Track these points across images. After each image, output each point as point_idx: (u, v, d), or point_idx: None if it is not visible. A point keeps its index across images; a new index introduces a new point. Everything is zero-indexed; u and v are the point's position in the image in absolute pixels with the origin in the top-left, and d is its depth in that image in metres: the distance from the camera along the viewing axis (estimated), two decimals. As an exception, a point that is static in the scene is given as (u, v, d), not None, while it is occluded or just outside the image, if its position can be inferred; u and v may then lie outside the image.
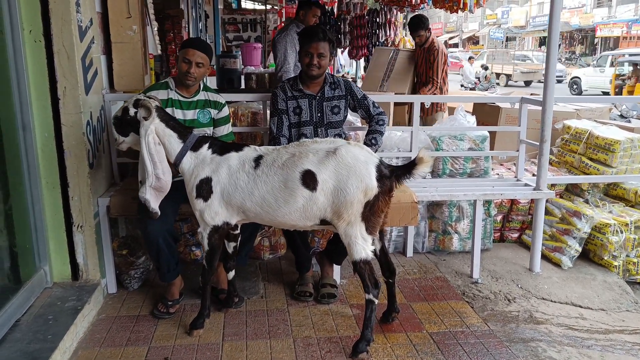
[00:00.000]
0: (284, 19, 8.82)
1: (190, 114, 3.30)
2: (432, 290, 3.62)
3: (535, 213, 3.88)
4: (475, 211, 3.71)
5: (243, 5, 18.11)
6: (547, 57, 3.71)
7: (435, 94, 5.36)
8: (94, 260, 3.35)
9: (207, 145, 2.89)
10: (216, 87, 7.64)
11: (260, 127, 3.92)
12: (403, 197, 3.33)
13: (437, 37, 7.42)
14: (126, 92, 3.73)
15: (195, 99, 3.32)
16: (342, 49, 8.43)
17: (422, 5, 6.13)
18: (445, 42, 46.06)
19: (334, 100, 3.53)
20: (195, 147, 2.88)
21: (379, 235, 2.93)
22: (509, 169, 4.68)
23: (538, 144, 3.81)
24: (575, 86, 21.23)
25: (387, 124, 3.66)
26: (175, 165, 2.90)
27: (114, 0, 3.66)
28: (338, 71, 14.79)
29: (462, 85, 19.53)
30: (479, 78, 19.83)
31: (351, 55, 7.68)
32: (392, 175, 2.73)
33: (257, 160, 2.81)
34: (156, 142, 2.82)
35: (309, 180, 2.67)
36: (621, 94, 14.83)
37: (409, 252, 4.18)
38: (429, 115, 5.43)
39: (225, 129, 3.42)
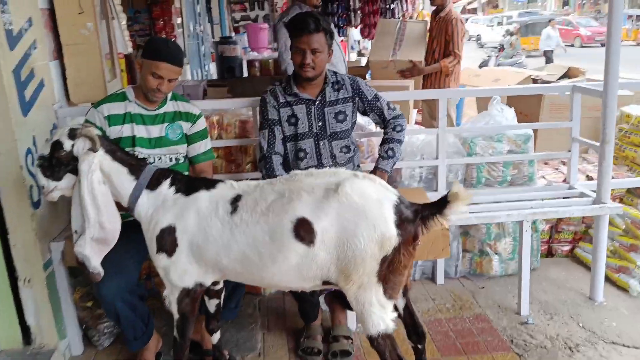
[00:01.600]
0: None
1: (155, 131, 2.60)
2: (471, 336, 2.91)
3: (597, 232, 3.11)
4: (521, 234, 2.96)
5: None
6: (608, 25, 2.79)
7: (455, 68, 4.66)
8: (48, 320, 2.71)
9: (168, 181, 2.20)
10: (216, 77, 6.96)
11: (251, 140, 3.20)
12: (430, 222, 2.59)
13: (455, 2, 6.57)
14: (87, 104, 3.03)
15: (161, 111, 2.61)
16: (353, 26, 7.57)
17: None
18: (464, 8, 44.39)
19: (339, 105, 2.79)
20: (153, 185, 2.19)
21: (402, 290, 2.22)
22: (557, 168, 3.89)
23: (597, 144, 3.02)
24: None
25: (406, 128, 2.92)
26: (129, 210, 2.21)
27: (59, -9, 2.95)
28: (352, 47, 13.91)
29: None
30: (502, 45, 18.62)
31: (363, 34, 6.86)
32: (416, 218, 2.00)
33: (235, 201, 2.11)
34: (100, 180, 2.14)
35: (304, 231, 1.96)
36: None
37: (440, 278, 3.46)
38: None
39: (203, 146, 2.72)
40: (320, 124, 2.78)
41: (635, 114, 3.79)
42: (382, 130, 2.93)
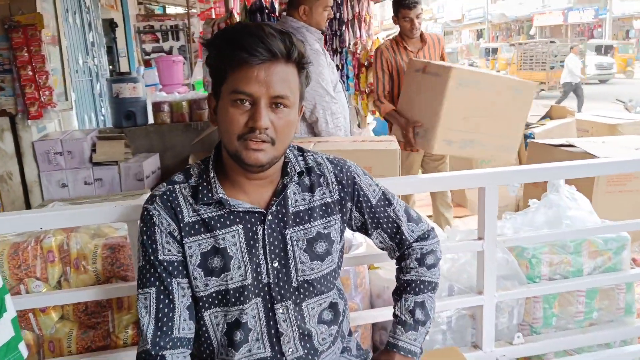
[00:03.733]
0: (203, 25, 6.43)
1: None
2: None
3: None
4: None
5: (168, 10, 15.53)
6: None
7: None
8: None
9: None
10: (111, 126, 5.31)
11: (131, 286, 1.58)
12: None
13: (375, 34, 5.29)
14: None
15: None
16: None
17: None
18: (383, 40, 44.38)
19: (314, 220, 1.31)
20: None
21: None
22: None
23: None
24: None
25: (441, 256, 1.48)
26: None
27: None
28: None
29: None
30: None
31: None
32: None
33: None
34: None
35: None
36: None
37: None
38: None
39: None
40: (277, 264, 1.27)
41: None
42: (396, 261, 1.48)
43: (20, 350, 1.23)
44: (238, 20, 4.70)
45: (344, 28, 4.69)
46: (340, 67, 4.74)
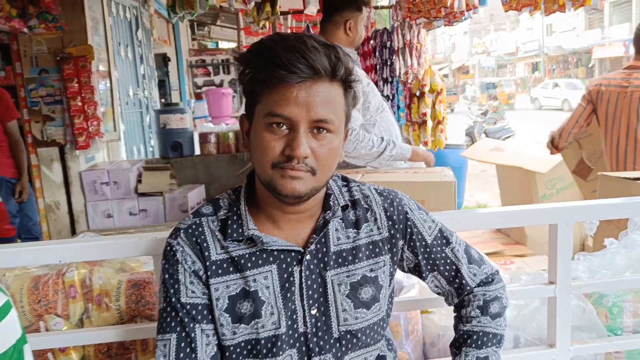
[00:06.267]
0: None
1: None
2: None
3: None
4: None
5: (220, 45, 15.92)
6: None
7: None
8: None
9: None
10: (158, 156, 5.31)
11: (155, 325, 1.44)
12: None
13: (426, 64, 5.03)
14: None
15: None
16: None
17: (467, 13, 3.81)
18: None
19: (360, 262, 1.13)
20: None
21: None
22: None
23: None
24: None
25: (508, 303, 1.26)
26: None
27: None
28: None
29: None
30: (486, 110, 17.56)
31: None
32: None
33: None
34: None
35: None
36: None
37: None
38: None
39: None
40: (315, 312, 1.10)
41: None
42: (454, 308, 1.27)
43: None
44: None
45: (394, 57, 4.56)
46: (391, 97, 4.59)
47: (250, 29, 6.88)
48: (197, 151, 5.11)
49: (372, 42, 4.68)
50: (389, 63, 4.54)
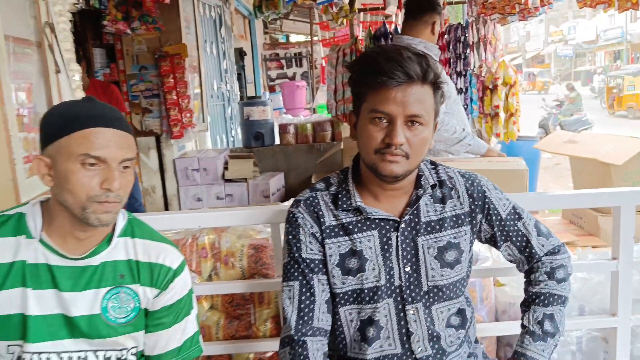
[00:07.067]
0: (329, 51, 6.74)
1: (81, 303, 1.22)
2: None
3: None
4: None
5: (291, 38, 16.33)
6: None
7: None
8: None
9: None
10: (241, 146, 5.69)
11: (272, 282, 1.74)
12: None
13: (500, 58, 5.08)
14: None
15: (96, 259, 1.24)
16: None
17: (541, 9, 3.92)
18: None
19: (445, 231, 1.37)
20: None
21: None
22: None
23: None
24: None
25: (572, 271, 1.48)
26: None
27: None
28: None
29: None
30: (561, 102, 17.05)
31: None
32: None
33: None
34: None
35: None
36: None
37: None
38: None
39: (174, 337, 1.33)
40: (409, 269, 1.35)
41: None
42: (524, 274, 1.50)
43: (200, 343, 1.41)
44: (363, 45, 4.89)
45: (468, 51, 4.70)
46: (464, 90, 4.74)
47: (328, 25, 7.15)
48: (277, 141, 5.46)
49: (446, 36, 4.83)
50: (462, 57, 4.69)
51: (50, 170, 1.16)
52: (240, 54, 11.20)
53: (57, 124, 1.15)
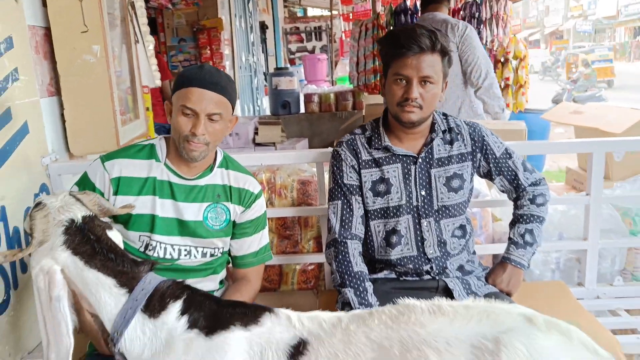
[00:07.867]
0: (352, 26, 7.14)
1: (190, 211, 1.69)
2: None
3: None
4: None
5: (309, 12, 16.65)
6: None
7: None
8: None
9: (177, 305, 1.27)
10: (269, 113, 6.14)
11: (315, 209, 2.23)
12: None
13: (515, 34, 5.47)
14: (94, 156, 2.17)
15: (202, 181, 1.72)
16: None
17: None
18: (525, 39, 42.59)
19: (452, 165, 1.84)
20: (154, 308, 1.26)
21: None
22: None
23: None
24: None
25: (550, 199, 1.93)
26: (110, 342, 1.29)
27: (56, 4, 2.13)
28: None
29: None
30: (577, 78, 17.23)
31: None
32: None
33: (296, 354, 1.16)
34: (57, 296, 1.23)
35: None
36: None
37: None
38: None
39: (253, 244, 1.82)
40: (423, 193, 1.82)
41: None
42: (513, 201, 1.95)
43: (270, 252, 1.89)
44: (384, 21, 5.28)
45: (482, 26, 5.09)
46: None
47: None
48: (302, 109, 5.91)
49: (462, 12, 5.21)
50: (477, 32, 5.08)
51: (171, 112, 1.64)
52: (262, 27, 11.59)
53: (177, 82, 1.63)
